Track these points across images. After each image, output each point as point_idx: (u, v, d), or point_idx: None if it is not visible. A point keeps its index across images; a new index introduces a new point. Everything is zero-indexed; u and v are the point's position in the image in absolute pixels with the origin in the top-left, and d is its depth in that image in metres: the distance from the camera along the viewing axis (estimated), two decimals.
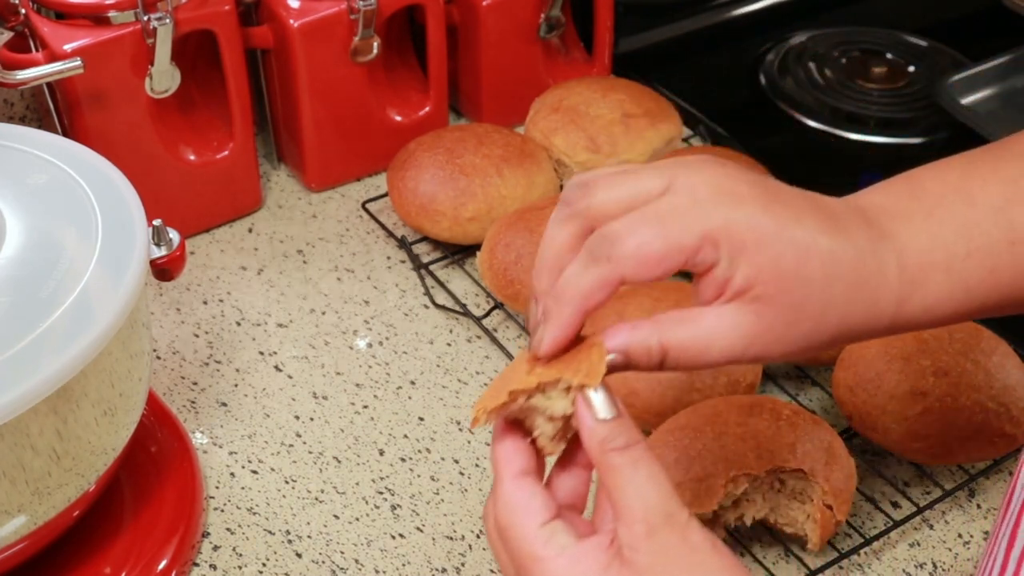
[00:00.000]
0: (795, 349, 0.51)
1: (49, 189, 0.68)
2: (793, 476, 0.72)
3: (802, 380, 0.87)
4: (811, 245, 0.50)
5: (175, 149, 0.94)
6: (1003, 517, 0.51)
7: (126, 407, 0.67)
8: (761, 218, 0.50)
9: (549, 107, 1.01)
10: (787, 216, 0.51)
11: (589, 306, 0.51)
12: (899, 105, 1.13)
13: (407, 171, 0.95)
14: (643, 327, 0.51)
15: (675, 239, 0.49)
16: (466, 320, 0.91)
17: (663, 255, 0.50)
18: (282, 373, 0.87)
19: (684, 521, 0.48)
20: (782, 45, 1.21)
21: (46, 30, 0.86)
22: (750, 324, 0.50)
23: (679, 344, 0.50)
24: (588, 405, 0.50)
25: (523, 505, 0.50)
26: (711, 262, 0.50)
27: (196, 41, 0.92)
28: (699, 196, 0.50)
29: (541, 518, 0.50)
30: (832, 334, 0.52)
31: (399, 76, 1.05)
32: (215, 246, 0.98)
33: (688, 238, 0.49)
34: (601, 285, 0.50)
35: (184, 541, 0.73)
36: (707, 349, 0.50)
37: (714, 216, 0.50)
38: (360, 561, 0.75)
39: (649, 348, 0.50)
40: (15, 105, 0.99)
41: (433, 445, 0.82)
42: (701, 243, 0.49)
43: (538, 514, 0.50)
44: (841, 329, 0.52)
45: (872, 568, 0.75)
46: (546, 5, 1.05)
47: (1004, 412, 0.76)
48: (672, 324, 0.51)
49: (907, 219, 0.53)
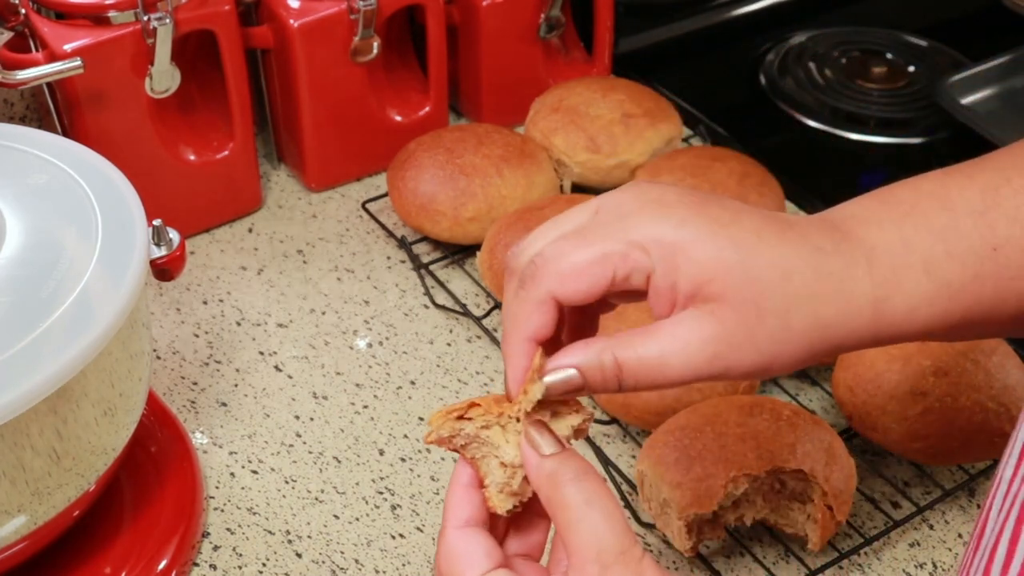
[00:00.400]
0: (769, 356, 0.49)
1: (49, 189, 0.68)
2: (793, 476, 0.72)
3: (802, 380, 0.87)
4: (755, 242, 0.49)
5: (175, 149, 0.95)
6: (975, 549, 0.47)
7: (126, 407, 0.67)
8: (694, 219, 0.49)
9: (549, 107, 1.01)
10: (723, 217, 0.49)
11: (531, 332, 0.50)
12: (899, 105, 1.13)
13: (407, 171, 0.95)
14: (596, 343, 0.49)
15: (598, 248, 0.49)
16: (466, 320, 0.91)
17: (587, 264, 0.49)
18: (282, 373, 0.87)
19: (638, 557, 0.47)
20: (782, 45, 1.21)
21: (46, 30, 0.86)
22: (709, 328, 0.48)
23: (636, 358, 0.48)
24: (532, 443, 0.49)
25: (464, 555, 0.50)
26: (644, 269, 0.49)
27: (196, 41, 0.92)
28: (624, 211, 0.50)
29: (482, 568, 0.49)
30: (806, 335, 0.49)
31: (399, 76, 1.05)
32: (215, 246, 0.98)
33: (613, 245, 0.49)
34: (535, 307, 0.49)
35: (184, 541, 0.73)
36: (665, 362, 0.48)
37: (640, 223, 0.49)
38: (360, 561, 0.75)
39: (602, 364, 0.49)
40: (15, 105, 0.99)
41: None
42: (627, 249, 0.48)
43: (480, 564, 0.50)
44: (816, 329, 0.49)
45: (872, 568, 0.75)
46: (546, 5, 1.05)
47: (1004, 412, 0.76)
48: (627, 338, 0.49)
49: (877, 224, 0.51)
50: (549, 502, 0.48)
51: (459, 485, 0.52)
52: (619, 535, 0.47)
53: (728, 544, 0.76)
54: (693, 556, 0.73)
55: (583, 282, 0.49)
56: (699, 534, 0.72)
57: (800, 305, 0.49)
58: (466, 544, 0.50)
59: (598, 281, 0.49)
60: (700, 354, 0.48)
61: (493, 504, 0.51)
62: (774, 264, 0.49)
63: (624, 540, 0.47)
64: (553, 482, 0.48)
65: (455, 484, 0.52)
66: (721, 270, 0.48)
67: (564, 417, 0.51)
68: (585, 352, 0.49)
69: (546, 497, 0.48)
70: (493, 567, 0.50)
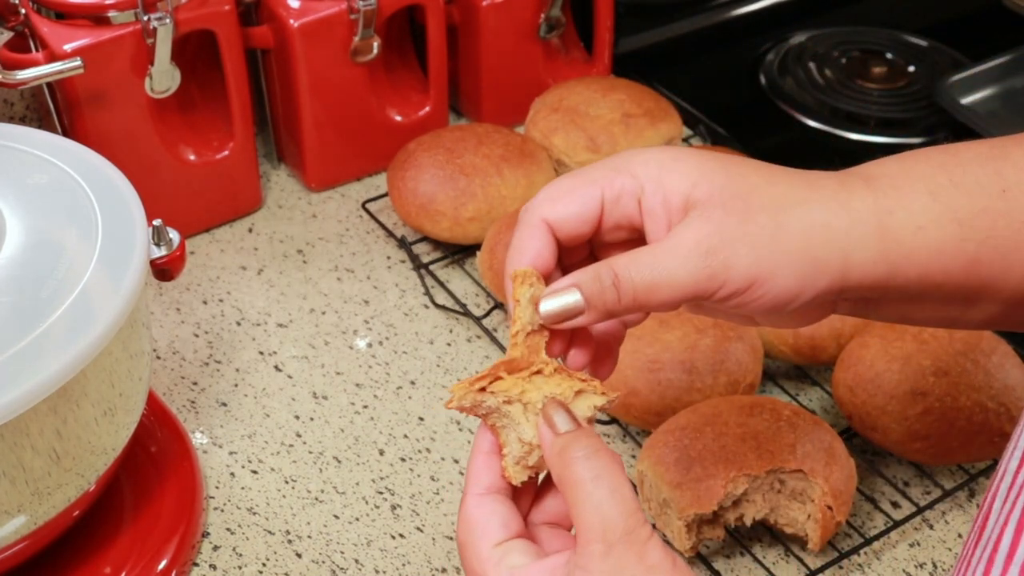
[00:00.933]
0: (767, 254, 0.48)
1: (49, 189, 0.68)
2: (793, 476, 0.72)
3: (802, 380, 0.87)
4: (738, 161, 0.51)
5: (175, 149, 0.94)
6: (976, 540, 0.47)
7: (126, 407, 0.67)
8: (674, 151, 0.51)
9: (549, 107, 1.01)
10: (703, 152, 0.52)
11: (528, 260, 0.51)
12: (899, 105, 1.13)
13: (407, 171, 0.95)
14: (593, 265, 0.50)
15: (584, 175, 0.51)
16: (466, 320, 0.91)
17: (576, 186, 0.51)
18: (282, 373, 0.87)
19: (644, 539, 0.47)
20: (782, 45, 1.21)
21: (46, 30, 0.86)
22: (699, 227, 0.49)
23: (632, 262, 0.49)
24: (548, 421, 0.49)
25: (480, 524, 0.50)
26: (633, 191, 0.50)
27: (196, 41, 0.92)
28: (612, 157, 0.52)
29: (496, 537, 0.49)
30: (803, 236, 0.49)
31: (399, 76, 1.05)
32: (215, 246, 0.98)
33: (598, 172, 0.51)
34: (528, 232, 0.51)
35: (184, 541, 0.73)
36: (661, 264, 0.49)
37: (628, 156, 0.51)
38: (360, 561, 0.75)
39: (599, 275, 0.49)
40: (15, 105, 0.99)
41: (433, 445, 0.82)
42: (614, 174, 0.50)
43: (495, 534, 0.50)
44: (813, 229, 0.49)
45: (872, 568, 0.75)
46: (546, 5, 1.05)
47: (1004, 412, 0.76)
48: (624, 254, 0.50)
49: (875, 164, 0.52)
50: (560, 479, 0.48)
51: (481, 452, 0.52)
52: (625, 515, 0.46)
53: (728, 544, 0.76)
54: (693, 556, 0.73)
55: (573, 203, 0.50)
56: (699, 534, 0.72)
57: (791, 207, 0.49)
58: (483, 512, 0.50)
59: (587, 203, 0.50)
60: (694, 252, 0.49)
61: (508, 474, 0.51)
62: (759, 171, 0.50)
63: (630, 520, 0.46)
64: (564, 459, 0.48)
65: (477, 451, 0.52)
66: (706, 173, 0.49)
67: (586, 396, 0.51)
68: (582, 272, 0.50)
69: (557, 474, 0.48)
70: (509, 537, 0.50)
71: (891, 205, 0.50)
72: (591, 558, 0.46)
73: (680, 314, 0.79)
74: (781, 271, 0.49)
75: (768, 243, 0.49)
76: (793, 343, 0.83)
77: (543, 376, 0.51)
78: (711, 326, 0.80)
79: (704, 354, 0.79)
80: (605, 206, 0.51)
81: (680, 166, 0.50)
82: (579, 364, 0.53)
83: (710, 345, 0.79)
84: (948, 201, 0.50)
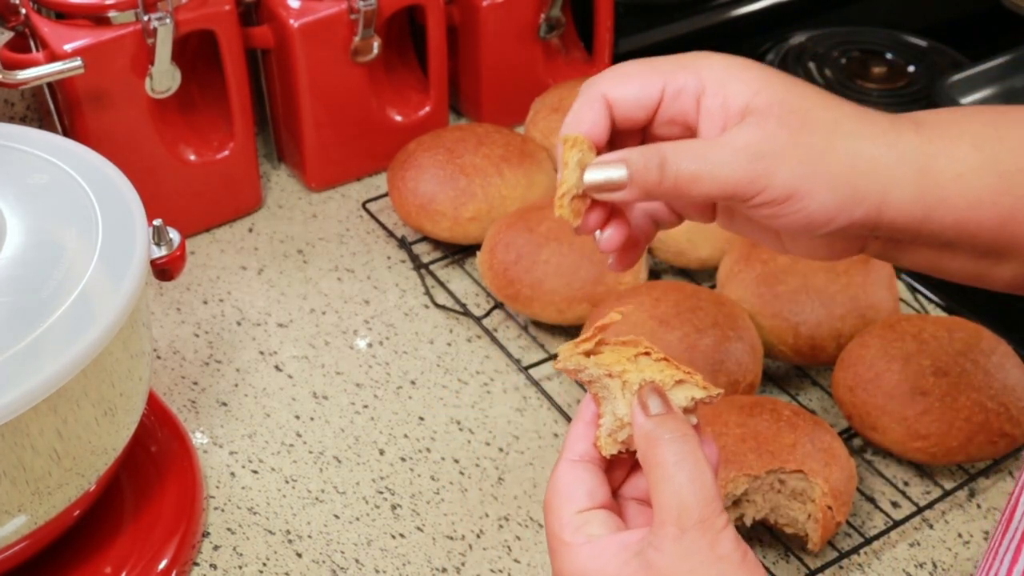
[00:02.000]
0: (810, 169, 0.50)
1: (49, 189, 0.68)
2: (793, 476, 0.72)
3: (802, 380, 0.87)
4: (800, 82, 0.52)
5: (175, 149, 0.95)
6: (1004, 531, 0.49)
7: (126, 407, 0.67)
8: (741, 60, 0.52)
9: (549, 107, 1.01)
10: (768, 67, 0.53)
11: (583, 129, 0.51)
12: (899, 105, 1.13)
13: (407, 171, 0.95)
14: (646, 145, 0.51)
15: (650, 63, 0.52)
16: (466, 320, 0.91)
17: (638, 71, 0.52)
18: (282, 373, 0.87)
19: (718, 528, 0.47)
20: (782, 45, 1.21)
21: (46, 30, 0.86)
22: (753, 131, 0.50)
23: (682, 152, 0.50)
24: (641, 404, 0.50)
25: (567, 490, 0.51)
26: (694, 90, 0.51)
27: (196, 41, 0.92)
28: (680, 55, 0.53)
29: (580, 505, 0.50)
30: (849, 163, 0.50)
31: (399, 76, 1.05)
32: (215, 246, 0.98)
33: (665, 64, 0.52)
34: (587, 104, 0.52)
35: (184, 541, 0.73)
36: (710, 159, 0.50)
37: (691, 55, 0.53)
38: (360, 561, 0.75)
39: (647, 155, 0.50)
40: (15, 105, 0.99)
41: (433, 445, 0.82)
42: (679, 69, 0.52)
43: (579, 501, 0.50)
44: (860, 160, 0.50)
45: (872, 568, 0.75)
46: (546, 5, 1.05)
47: (1004, 412, 0.76)
48: (676, 142, 0.51)
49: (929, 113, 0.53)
50: (644, 458, 0.49)
51: (581, 421, 0.53)
52: (703, 502, 0.47)
53: None
54: None
55: (634, 86, 0.52)
56: None
57: (842, 134, 0.51)
58: (572, 479, 0.51)
59: (648, 90, 0.52)
60: (743, 153, 0.50)
61: (600, 444, 0.52)
62: (819, 94, 0.52)
63: (707, 508, 0.47)
64: (650, 440, 0.49)
65: (578, 419, 0.53)
66: (768, 85, 0.51)
67: (686, 387, 0.52)
68: (632, 149, 0.51)
69: (642, 453, 0.49)
70: (593, 507, 0.50)
71: (935, 150, 0.51)
72: (664, 539, 0.47)
73: (680, 314, 0.80)
74: (820, 191, 0.50)
75: (814, 161, 0.50)
76: (793, 343, 0.83)
77: (649, 359, 0.52)
78: (711, 326, 0.80)
79: (704, 354, 0.79)
80: (664, 98, 0.52)
81: (744, 74, 0.51)
82: (612, 244, 0.54)
83: (710, 345, 0.79)
84: (992, 154, 0.51)
